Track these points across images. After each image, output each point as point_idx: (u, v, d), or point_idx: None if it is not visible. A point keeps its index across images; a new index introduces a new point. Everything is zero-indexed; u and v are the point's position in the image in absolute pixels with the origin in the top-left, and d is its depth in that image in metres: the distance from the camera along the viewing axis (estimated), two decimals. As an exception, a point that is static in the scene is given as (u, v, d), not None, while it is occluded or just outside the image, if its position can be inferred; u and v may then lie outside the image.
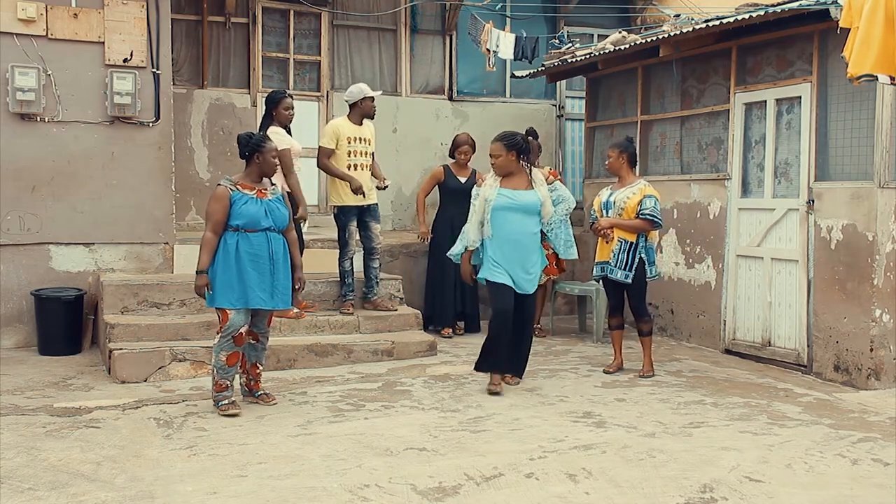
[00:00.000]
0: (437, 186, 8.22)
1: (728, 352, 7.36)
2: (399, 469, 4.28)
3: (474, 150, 8.06)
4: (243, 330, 5.22)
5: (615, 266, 6.37)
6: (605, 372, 6.54)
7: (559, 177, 6.94)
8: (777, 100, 6.90)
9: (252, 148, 5.26)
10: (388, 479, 4.14)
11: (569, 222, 6.12)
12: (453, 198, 8.00)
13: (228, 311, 5.16)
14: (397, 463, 4.38)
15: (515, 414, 5.35)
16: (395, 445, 4.66)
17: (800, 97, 6.66)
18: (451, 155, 8.20)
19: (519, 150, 5.85)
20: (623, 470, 4.30)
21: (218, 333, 5.26)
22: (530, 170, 5.94)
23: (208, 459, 4.42)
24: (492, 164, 5.89)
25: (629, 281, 6.36)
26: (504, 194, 5.80)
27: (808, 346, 6.59)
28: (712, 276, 7.55)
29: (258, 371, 5.54)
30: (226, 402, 5.27)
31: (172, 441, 4.73)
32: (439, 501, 3.88)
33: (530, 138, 7.56)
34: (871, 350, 6.11)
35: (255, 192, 5.22)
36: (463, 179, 8.04)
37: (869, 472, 4.34)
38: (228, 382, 5.28)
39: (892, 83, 5.23)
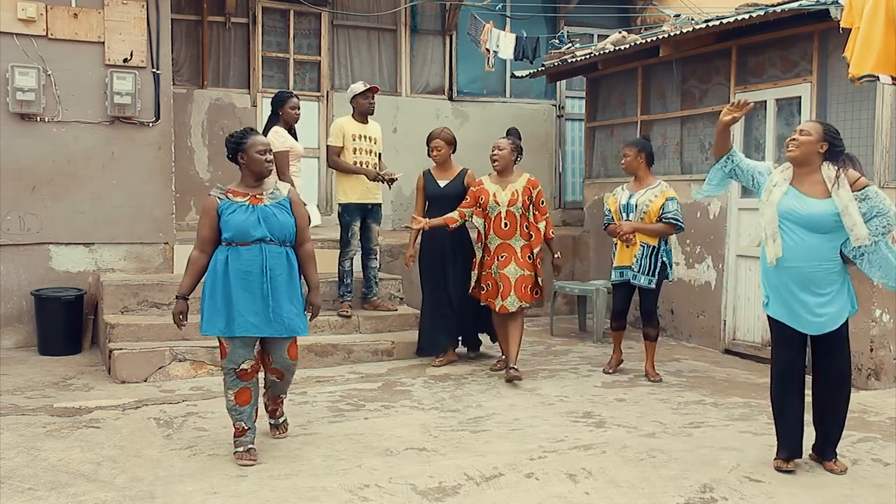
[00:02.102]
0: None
1: (728, 352, 7.35)
2: (399, 469, 4.28)
3: (454, 148, 6.76)
4: (246, 365, 4.39)
5: (638, 272, 6.16)
6: (604, 372, 6.51)
7: (539, 186, 6.28)
8: (777, 100, 6.90)
9: (233, 147, 4.48)
10: (388, 479, 4.14)
11: (890, 244, 4.24)
12: (432, 206, 6.74)
13: (225, 342, 4.39)
14: (397, 463, 4.38)
15: (515, 414, 5.34)
16: (395, 445, 4.66)
17: (800, 97, 6.66)
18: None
19: (832, 142, 4.28)
20: (623, 470, 4.30)
21: (221, 369, 4.58)
22: (838, 170, 4.22)
23: (208, 459, 4.42)
24: (791, 156, 4.33)
25: (653, 286, 6.18)
26: (792, 196, 4.27)
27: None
28: (712, 277, 7.55)
29: (280, 400, 4.83)
30: (241, 449, 4.41)
31: (172, 441, 4.72)
32: (439, 501, 3.88)
33: (511, 138, 6.56)
34: (871, 350, 6.11)
35: (247, 198, 4.40)
36: (443, 183, 6.71)
37: (869, 472, 4.34)
38: (245, 425, 4.43)
39: (893, 83, 5.24)
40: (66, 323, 7.05)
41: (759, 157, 7.08)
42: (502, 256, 6.20)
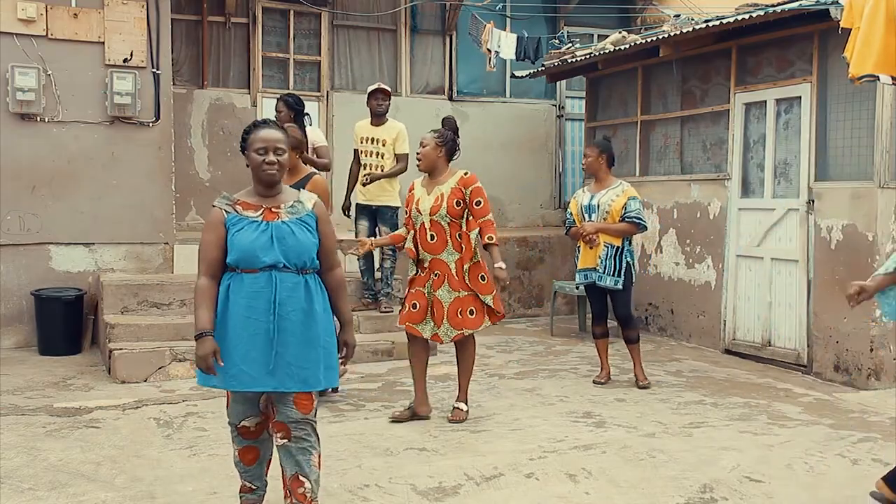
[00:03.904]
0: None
1: (728, 352, 7.35)
2: (399, 469, 4.28)
3: (301, 149, 5.53)
4: (248, 423, 3.51)
5: (603, 273, 6.06)
6: (594, 383, 6.20)
7: (475, 183, 5.08)
8: (777, 100, 6.90)
9: (241, 146, 3.55)
10: (388, 479, 4.14)
11: None
12: None
13: (228, 393, 3.51)
14: (397, 463, 4.38)
15: (515, 414, 5.34)
16: (395, 445, 4.66)
17: (799, 97, 6.66)
18: None
19: None
20: (623, 470, 4.30)
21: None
22: None
23: (208, 459, 4.42)
24: None
25: (619, 287, 6.08)
26: None
27: (808, 346, 6.59)
28: (712, 276, 7.55)
29: (301, 490, 3.45)
30: None
31: (172, 441, 4.72)
32: (439, 501, 3.88)
33: (441, 130, 5.24)
34: (871, 350, 6.11)
35: (260, 212, 3.41)
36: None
37: (869, 472, 4.33)
38: (249, 484, 3.65)
39: (893, 83, 5.23)
40: (66, 323, 7.05)
41: (760, 158, 7.09)
42: (436, 274, 5.09)
